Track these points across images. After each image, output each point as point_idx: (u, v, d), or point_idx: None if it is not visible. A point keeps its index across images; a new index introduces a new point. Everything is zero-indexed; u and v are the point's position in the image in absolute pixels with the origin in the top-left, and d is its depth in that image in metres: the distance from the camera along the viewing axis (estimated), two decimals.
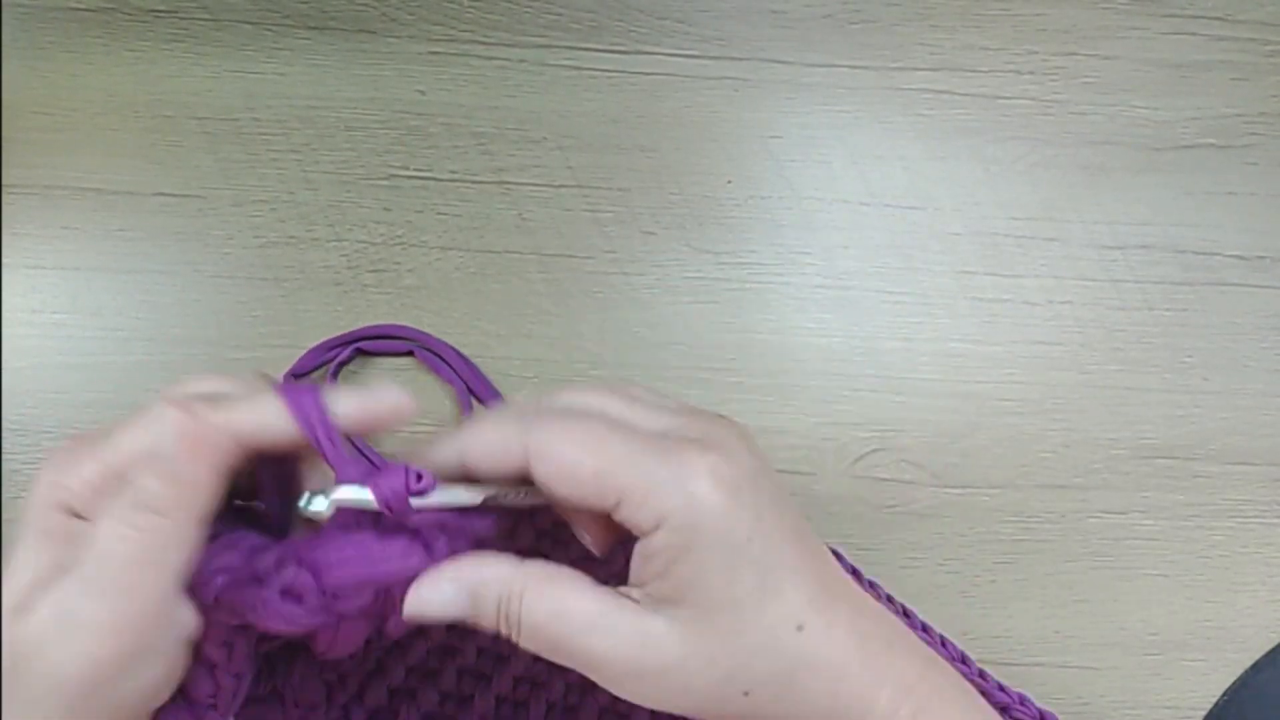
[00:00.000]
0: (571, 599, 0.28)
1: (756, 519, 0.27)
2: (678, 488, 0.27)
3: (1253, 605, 0.47)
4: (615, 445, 0.27)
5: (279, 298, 0.47)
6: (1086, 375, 0.48)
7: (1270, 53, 0.51)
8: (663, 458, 0.27)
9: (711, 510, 0.27)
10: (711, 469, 0.27)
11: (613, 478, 0.27)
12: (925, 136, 0.50)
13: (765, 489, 0.28)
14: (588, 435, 0.27)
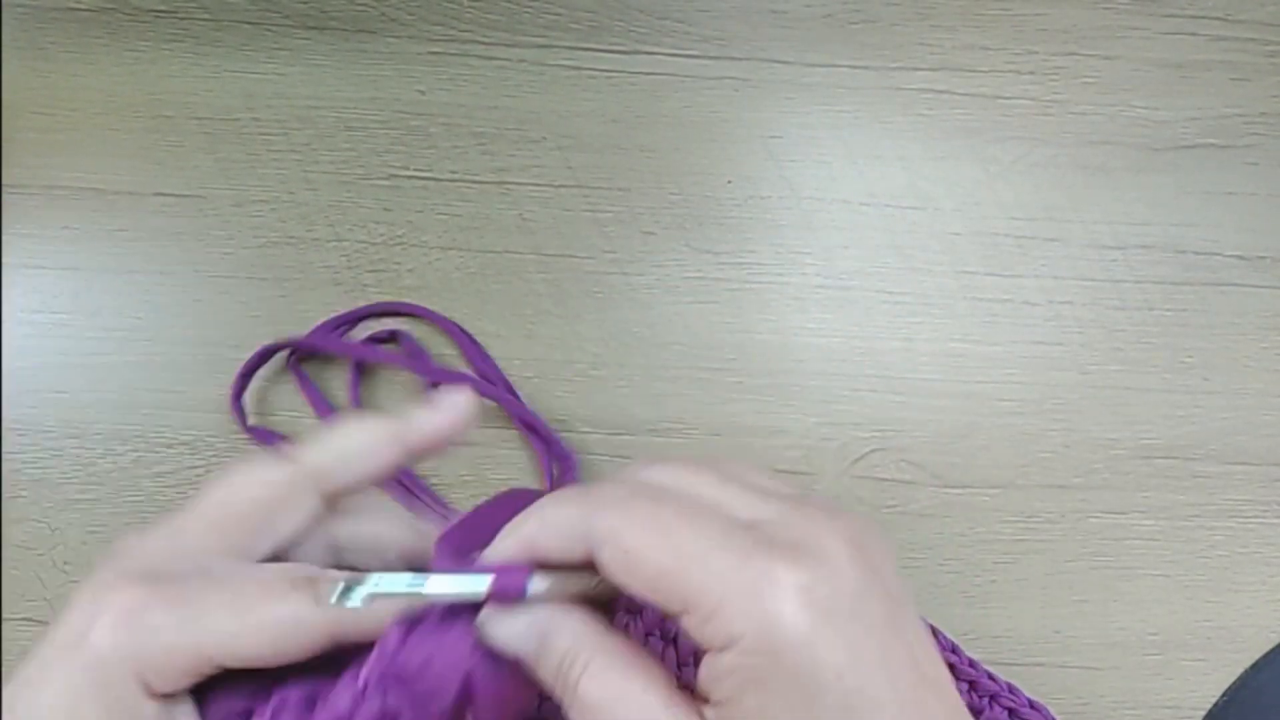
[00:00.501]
0: (636, 690, 0.24)
1: (852, 654, 0.22)
2: (755, 604, 0.22)
3: (1253, 605, 0.47)
4: (687, 538, 0.23)
5: (279, 298, 0.47)
6: (1086, 375, 0.48)
7: (1270, 53, 0.51)
8: (743, 563, 0.22)
9: (795, 640, 0.22)
10: (802, 586, 0.22)
11: (681, 580, 0.22)
12: (925, 136, 0.50)
13: (870, 613, 0.23)
14: (655, 521, 0.23)
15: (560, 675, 0.24)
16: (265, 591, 0.24)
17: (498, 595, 0.25)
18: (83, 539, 0.44)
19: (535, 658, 0.25)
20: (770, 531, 0.23)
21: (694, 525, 0.23)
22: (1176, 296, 0.49)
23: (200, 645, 0.23)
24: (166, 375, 0.46)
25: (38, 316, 0.46)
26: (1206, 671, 0.46)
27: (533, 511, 0.25)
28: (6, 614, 0.44)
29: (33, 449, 0.45)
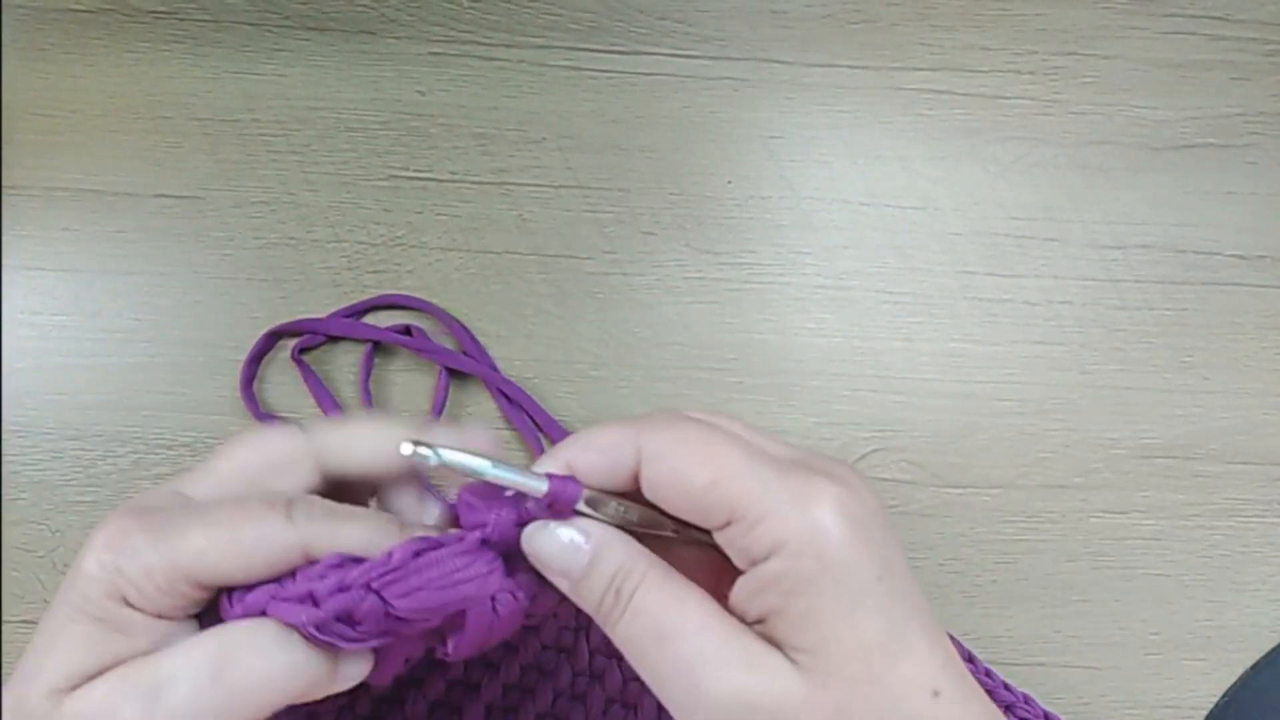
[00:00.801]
0: (692, 600, 0.25)
1: (885, 564, 0.24)
2: (800, 511, 0.24)
3: (1253, 605, 0.47)
4: (734, 455, 0.24)
5: (279, 299, 0.47)
6: (1086, 375, 0.48)
7: (1270, 53, 0.51)
8: (786, 478, 0.24)
9: (839, 541, 0.24)
10: (840, 499, 0.24)
11: (728, 490, 0.24)
12: (925, 136, 0.50)
13: (891, 537, 0.25)
14: (705, 442, 0.25)
15: (613, 588, 0.25)
16: (240, 512, 0.25)
17: (553, 498, 0.25)
18: (82, 540, 0.44)
19: (582, 573, 0.25)
20: (803, 460, 0.25)
21: (738, 445, 0.25)
22: (1176, 296, 0.49)
23: (175, 562, 0.24)
24: (166, 377, 0.46)
25: (37, 318, 0.46)
26: (1206, 671, 0.46)
27: (576, 436, 0.26)
28: (6, 615, 0.44)
29: (32, 451, 0.45)
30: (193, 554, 0.24)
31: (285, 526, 0.25)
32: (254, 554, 0.24)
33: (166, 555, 0.24)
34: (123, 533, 0.25)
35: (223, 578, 0.24)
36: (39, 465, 0.45)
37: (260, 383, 0.46)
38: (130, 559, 0.24)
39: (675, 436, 0.25)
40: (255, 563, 0.24)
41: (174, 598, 0.24)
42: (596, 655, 0.38)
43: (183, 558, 0.24)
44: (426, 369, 0.47)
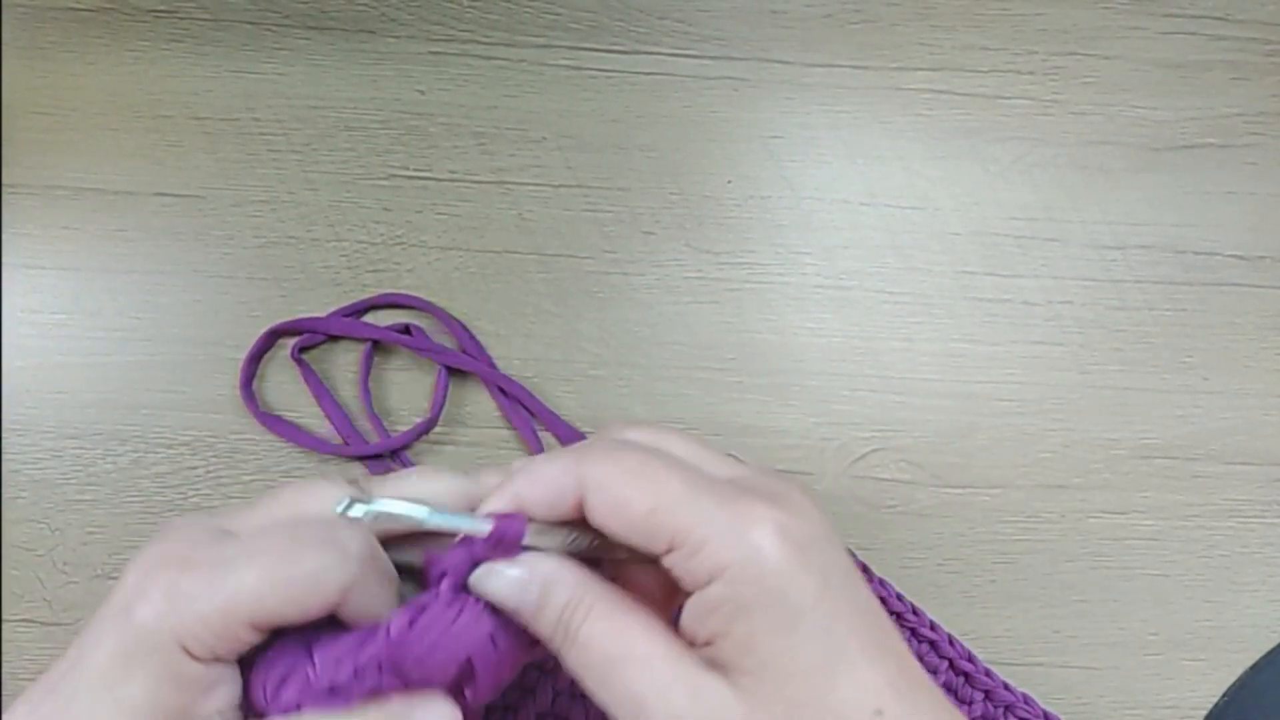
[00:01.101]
0: (638, 630, 0.25)
1: (824, 584, 0.25)
2: (739, 538, 0.24)
3: (1253, 605, 0.47)
4: (673, 483, 0.25)
5: (279, 298, 0.47)
6: (1086, 375, 0.48)
7: (1270, 53, 0.51)
8: (725, 504, 0.25)
9: (775, 566, 0.24)
10: (778, 523, 0.24)
11: (668, 518, 0.24)
12: (925, 136, 0.50)
13: (835, 557, 0.26)
14: (643, 469, 0.25)
15: (562, 622, 0.25)
16: (292, 548, 0.25)
17: (498, 537, 0.25)
18: (82, 540, 0.44)
19: (535, 608, 0.26)
20: (745, 483, 0.26)
21: (677, 474, 0.25)
22: (1176, 296, 0.49)
23: (231, 608, 0.24)
24: (166, 376, 0.46)
25: (37, 316, 0.46)
26: (1206, 671, 0.46)
27: (519, 469, 0.27)
28: (6, 614, 0.44)
29: (32, 450, 0.45)
30: (251, 596, 0.24)
31: (338, 561, 0.25)
32: (309, 593, 0.25)
33: (222, 600, 0.24)
34: (174, 577, 0.25)
35: (278, 617, 0.25)
36: (39, 464, 0.45)
37: (260, 381, 0.46)
38: (186, 607, 0.24)
39: (614, 466, 0.25)
40: (312, 601, 0.25)
41: (231, 643, 0.25)
42: None
43: (237, 601, 0.24)
44: (426, 368, 0.47)
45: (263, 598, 0.24)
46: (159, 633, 0.24)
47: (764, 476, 0.27)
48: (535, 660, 0.36)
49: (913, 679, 0.26)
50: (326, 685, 0.25)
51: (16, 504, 0.45)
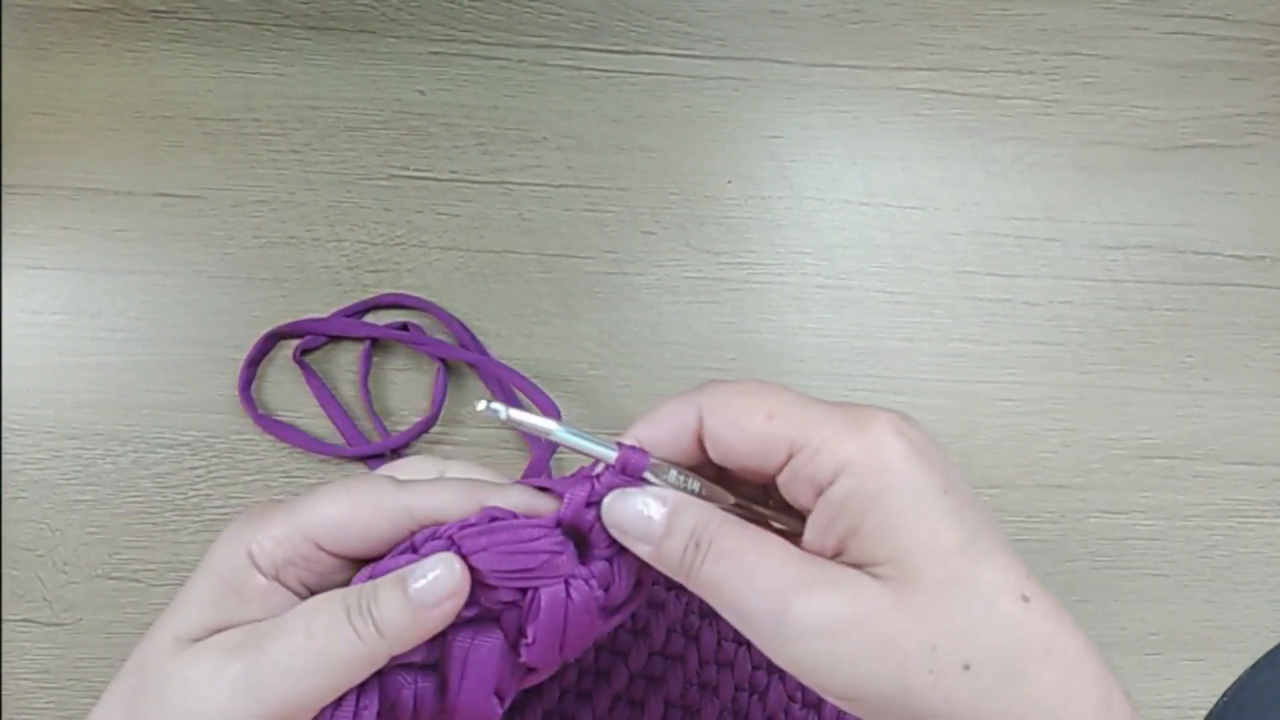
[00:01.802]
0: (769, 543, 0.25)
1: (946, 477, 0.25)
2: (859, 434, 0.24)
3: (1253, 605, 0.47)
4: (787, 394, 0.26)
5: (279, 298, 0.47)
6: (1086, 375, 0.48)
7: (1270, 53, 0.51)
8: (839, 409, 0.25)
9: (901, 455, 0.24)
10: (894, 423, 0.25)
11: (786, 422, 0.25)
12: (925, 136, 0.50)
13: (950, 462, 0.26)
14: (758, 386, 0.26)
15: (693, 542, 0.25)
16: (356, 483, 0.27)
17: (623, 464, 0.26)
18: (82, 540, 0.44)
19: (662, 534, 0.26)
20: (850, 404, 0.26)
21: (789, 391, 0.26)
22: (1176, 296, 0.49)
23: (298, 523, 0.26)
24: (166, 376, 0.46)
25: (37, 317, 0.46)
26: (1206, 671, 0.46)
27: (641, 419, 0.28)
28: (6, 614, 0.44)
29: (32, 450, 0.45)
30: (315, 514, 0.26)
31: (393, 489, 0.27)
32: (365, 511, 0.26)
33: (293, 516, 0.26)
34: (258, 510, 0.27)
35: (338, 530, 0.26)
36: (39, 464, 0.45)
37: (261, 382, 0.46)
38: (261, 525, 0.26)
39: (730, 388, 0.26)
40: (365, 519, 0.26)
41: (291, 554, 0.26)
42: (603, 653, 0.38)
43: (305, 519, 0.26)
44: (425, 368, 0.47)
45: (324, 516, 0.26)
46: (230, 544, 0.26)
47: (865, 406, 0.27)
48: (599, 639, 0.37)
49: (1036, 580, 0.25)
50: (404, 545, 0.27)
51: (17, 504, 0.45)
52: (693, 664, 0.38)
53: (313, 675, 0.24)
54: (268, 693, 0.24)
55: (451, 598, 0.25)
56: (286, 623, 0.25)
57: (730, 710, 0.38)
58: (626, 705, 0.38)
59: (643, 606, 0.38)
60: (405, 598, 0.25)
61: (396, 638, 0.25)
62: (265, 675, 0.24)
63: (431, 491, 0.27)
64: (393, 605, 0.25)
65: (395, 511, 0.26)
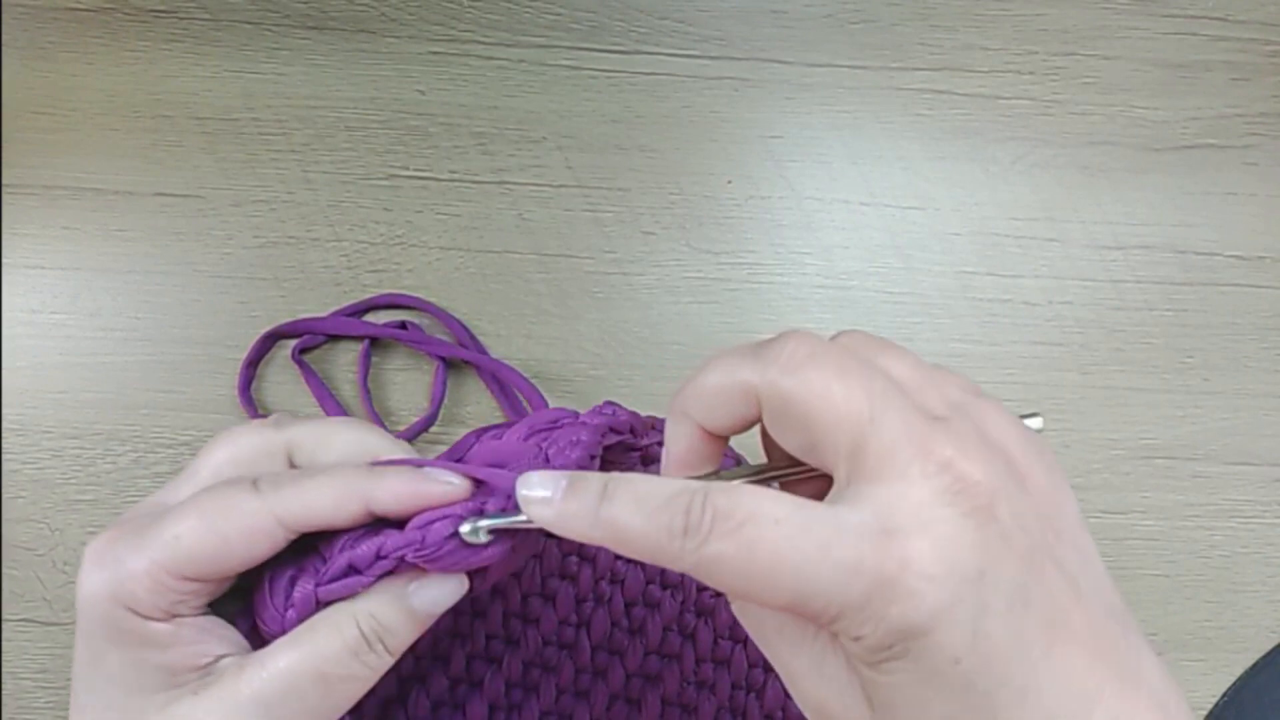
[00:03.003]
0: (758, 489, 0.22)
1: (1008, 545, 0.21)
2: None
3: (1253, 605, 0.47)
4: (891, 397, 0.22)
5: (279, 298, 0.47)
6: (1086, 375, 0.48)
7: (1270, 53, 0.51)
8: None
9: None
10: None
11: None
12: (925, 136, 0.50)
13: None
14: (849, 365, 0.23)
15: (683, 516, 0.23)
16: (208, 497, 0.26)
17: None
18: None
19: (562, 494, 0.24)
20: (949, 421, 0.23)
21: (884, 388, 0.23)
22: (1176, 296, 0.49)
23: (155, 559, 0.25)
24: (166, 375, 0.46)
25: (37, 317, 0.46)
26: (1206, 671, 0.46)
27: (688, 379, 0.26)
28: (6, 614, 0.44)
29: (32, 449, 0.45)
30: (170, 546, 0.25)
31: (253, 498, 0.25)
32: (227, 531, 0.25)
33: (152, 557, 0.25)
34: (106, 545, 0.25)
35: (205, 562, 0.25)
36: (39, 464, 0.45)
37: (260, 382, 0.46)
38: (123, 570, 0.25)
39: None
40: (230, 539, 0.25)
41: (172, 596, 0.25)
42: (599, 651, 0.38)
43: (161, 552, 0.25)
44: (425, 367, 0.47)
45: (190, 550, 0.25)
46: (102, 600, 0.25)
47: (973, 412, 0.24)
48: (530, 657, 0.37)
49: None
50: (342, 566, 0.26)
51: (16, 504, 0.45)
52: (689, 662, 0.38)
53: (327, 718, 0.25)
54: None
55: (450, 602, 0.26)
56: (292, 679, 0.25)
57: (728, 708, 0.38)
58: (624, 704, 0.38)
59: (639, 605, 0.38)
60: (413, 617, 0.26)
61: (399, 653, 0.26)
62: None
63: (300, 495, 0.26)
64: (402, 627, 0.26)
65: (266, 527, 0.25)
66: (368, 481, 0.26)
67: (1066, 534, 0.23)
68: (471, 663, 0.37)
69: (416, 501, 0.26)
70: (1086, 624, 0.21)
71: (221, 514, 0.25)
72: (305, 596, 0.26)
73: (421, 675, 0.37)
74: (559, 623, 0.37)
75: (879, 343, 0.25)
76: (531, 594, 0.38)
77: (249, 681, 0.25)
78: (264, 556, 0.26)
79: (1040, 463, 0.23)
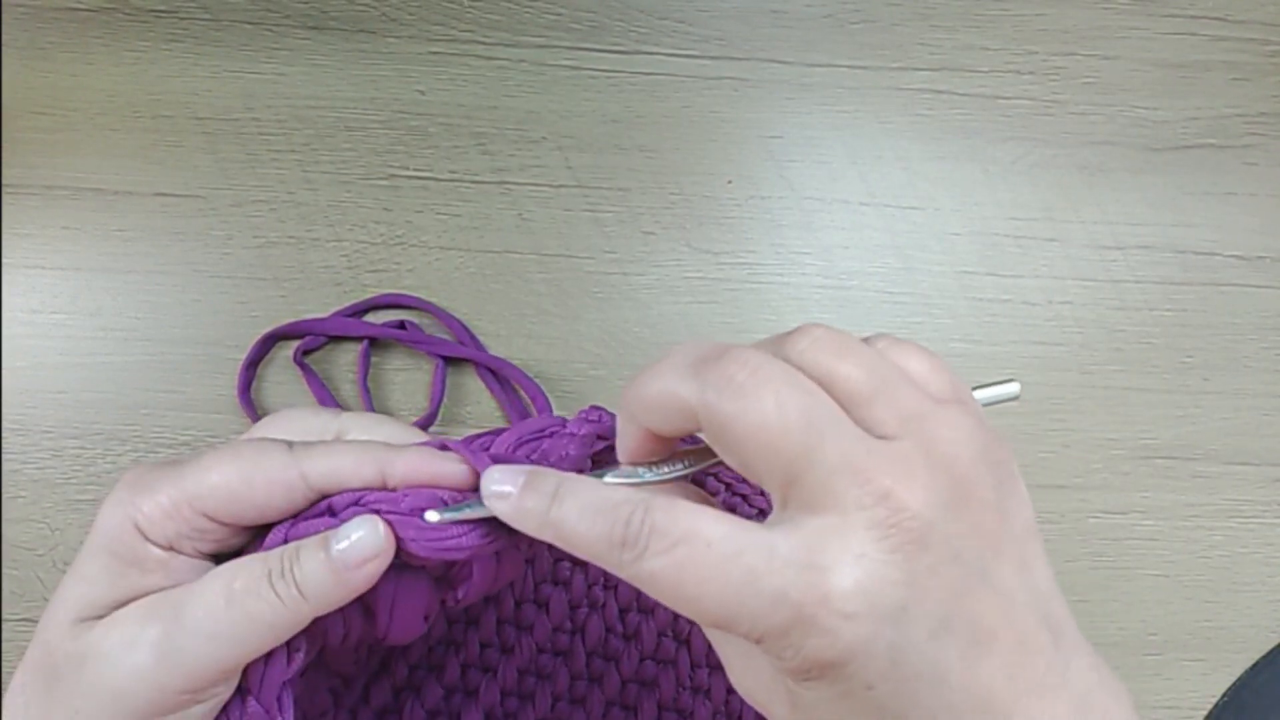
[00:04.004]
0: (698, 508, 0.23)
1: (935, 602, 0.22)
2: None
3: (1253, 605, 0.47)
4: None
5: (279, 298, 0.47)
6: (1086, 375, 0.48)
7: (1270, 53, 0.51)
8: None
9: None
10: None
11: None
12: (925, 136, 0.50)
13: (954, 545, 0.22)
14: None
15: (623, 529, 0.23)
16: (247, 448, 0.26)
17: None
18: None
19: (519, 490, 0.25)
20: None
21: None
22: (1176, 296, 0.49)
23: (186, 491, 0.25)
24: (166, 375, 0.46)
25: (37, 316, 0.46)
26: (1206, 671, 0.46)
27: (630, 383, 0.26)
28: (6, 614, 0.44)
29: (32, 449, 0.45)
30: (205, 485, 0.25)
31: (284, 454, 0.26)
32: (254, 476, 0.26)
33: (180, 486, 0.25)
34: (143, 471, 0.26)
35: (225, 500, 0.25)
36: (39, 463, 0.45)
37: (260, 383, 0.46)
38: (147, 495, 0.25)
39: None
40: (255, 484, 0.26)
41: (183, 527, 0.25)
42: (594, 657, 0.38)
43: (194, 488, 0.25)
44: (424, 367, 0.47)
45: (215, 487, 0.25)
46: (117, 515, 0.25)
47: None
48: (524, 665, 0.37)
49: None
50: (323, 507, 0.26)
51: (16, 503, 0.45)
52: (684, 667, 0.38)
53: (235, 638, 0.24)
54: (189, 658, 0.24)
55: (375, 560, 0.25)
56: (204, 587, 0.25)
57: (724, 713, 0.38)
58: (620, 710, 0.38)
59: (633, 611, 0.38)
60: (328, 559, 0.25)
61: (319, 599, 0.25)
62: (186, 641, 0.24)
63: (327, 457, 0.26)
64: (315, 567, 0.25)
65: (290, 480, 0.26)
66: (389, 453, 0.27)
67: (1010, 546, 0.23)
68: (466, 671, 0.37)
69: (428, 474, 0.26)
70: (1014, 639, 0.22)
71: (253, 461, 0.26)
72: (274, 538, 0.26)
73: (416, 685, 0.37)
74: (553, 629, 0.37)
75: (838, 346, 0.24)
76: (525, 601, 0.37)
77: (159, 599, 0.25)
78: (281, 511, 0.26)
79: (990, 474, 0.23)
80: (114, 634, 0.24)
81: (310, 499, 0.26)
